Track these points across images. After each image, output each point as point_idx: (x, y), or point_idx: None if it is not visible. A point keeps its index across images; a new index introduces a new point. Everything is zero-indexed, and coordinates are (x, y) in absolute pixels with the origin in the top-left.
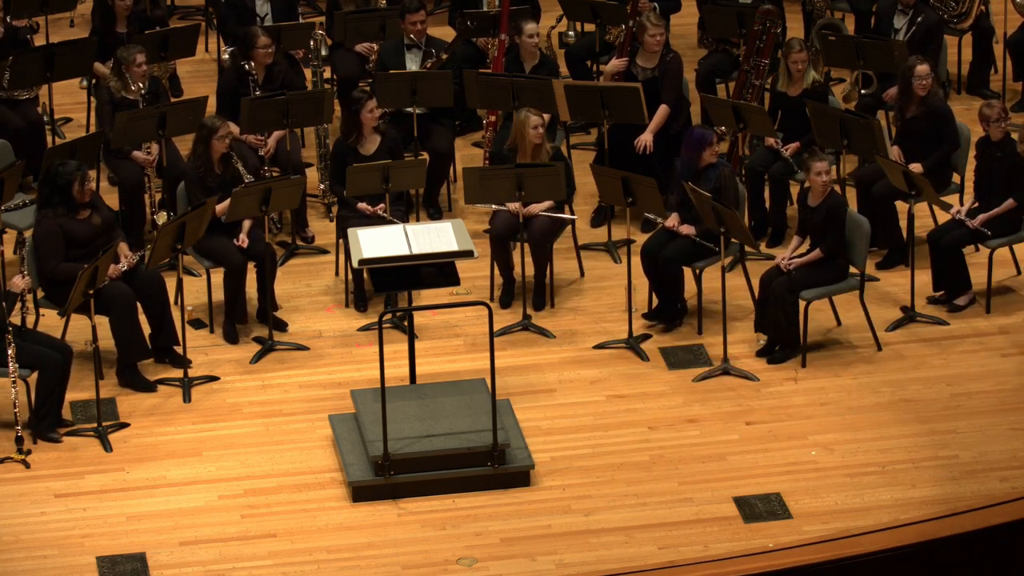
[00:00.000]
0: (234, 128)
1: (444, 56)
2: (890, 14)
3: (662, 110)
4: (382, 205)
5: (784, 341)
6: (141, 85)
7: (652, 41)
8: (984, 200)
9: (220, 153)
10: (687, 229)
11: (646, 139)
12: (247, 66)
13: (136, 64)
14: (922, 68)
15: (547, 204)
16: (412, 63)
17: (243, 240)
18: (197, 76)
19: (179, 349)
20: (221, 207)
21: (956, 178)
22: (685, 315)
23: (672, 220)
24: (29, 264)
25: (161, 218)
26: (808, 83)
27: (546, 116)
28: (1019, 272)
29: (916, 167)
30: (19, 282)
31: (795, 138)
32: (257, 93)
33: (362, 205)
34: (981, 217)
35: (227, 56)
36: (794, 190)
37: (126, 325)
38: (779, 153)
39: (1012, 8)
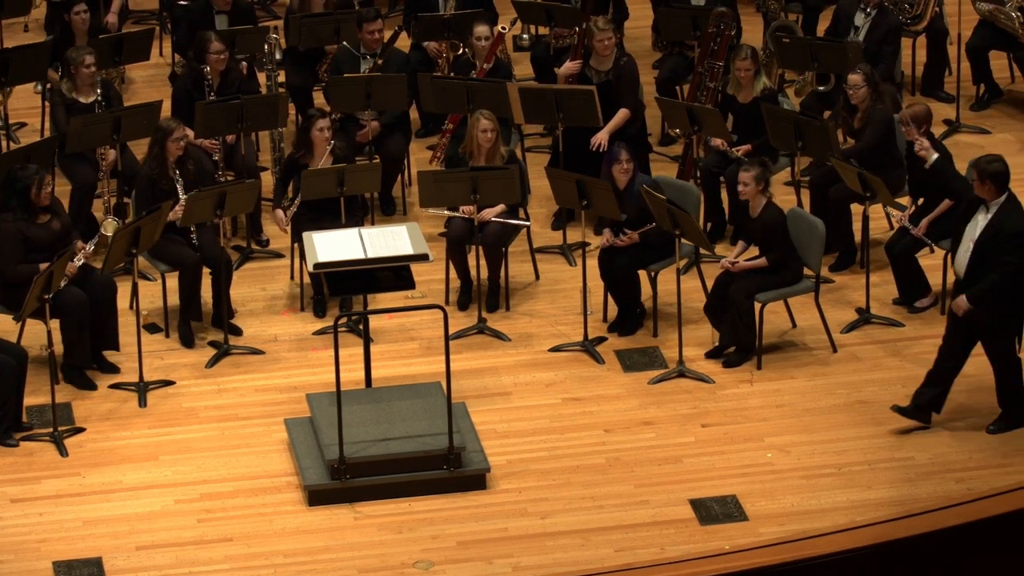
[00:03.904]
0: (190, 132)
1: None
2: (851, 12)
3: (622, 112)
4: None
5: (741, 346)
6: (99, 92)
7: (601, 45)
8: (923, 202)
9: (175, 156)
10: (630, 238)
11: (602, 138)
12: (204, 70)
13: (84, 65)
14: (853, 78)
15: (499, 209)
16: (365, 72)
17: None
18: (151, 81)
19: (111, 356)
20: (174, 214)
21: None
22: (644, 318)
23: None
24: None
25: (110, 227)
26: (758, 91)
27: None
28: None
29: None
30: None
31: (746, 143)
32: (212, 97)
33: None
34: (924, 223)
35: (180, 68)
36: None
37: (75, 332)
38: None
39: (965, 11)
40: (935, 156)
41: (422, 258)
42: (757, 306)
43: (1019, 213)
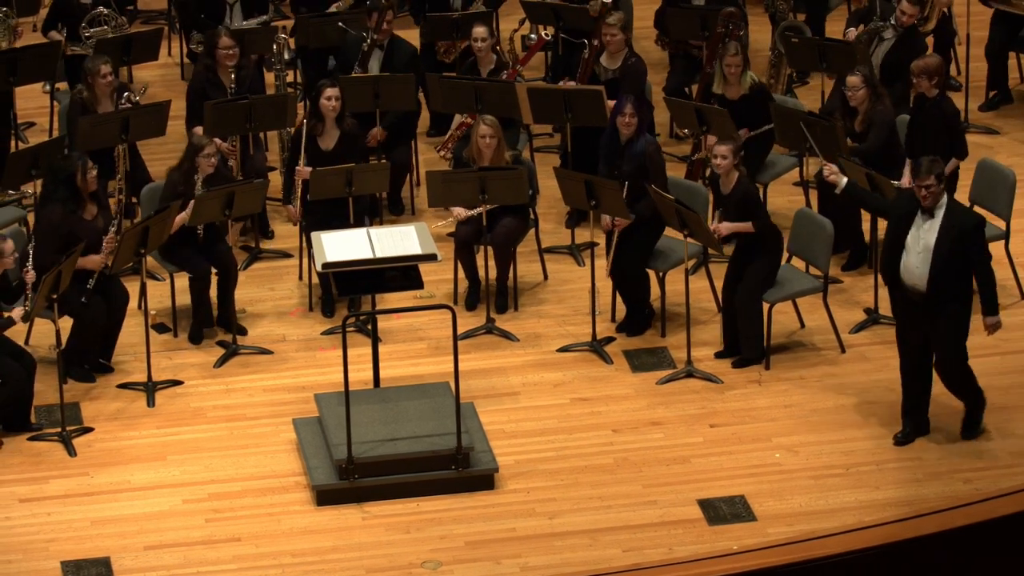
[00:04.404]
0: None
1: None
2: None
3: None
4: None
5: (751, 354)
6: (121, 102)
7: (606, 40)
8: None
9: (206, 173)
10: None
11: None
12: (230, 76)
13: (101, 75)
14: (852, 80)
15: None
16: (375, 62)
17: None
18: (160, 81)
19: (105, 361)
20: (181, 217)
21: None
22: (653, 318)
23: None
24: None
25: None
26: (746, 87)
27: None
28: None
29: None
30: (26, 277)
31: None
32: (231, 93)
33: None
34: None
35: (196, 46)
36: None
37: (83, 339)
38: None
39: (974, 11)
40: (844, 181)
41: (430, 258)
42: (765, 306)
43: (965, 207)
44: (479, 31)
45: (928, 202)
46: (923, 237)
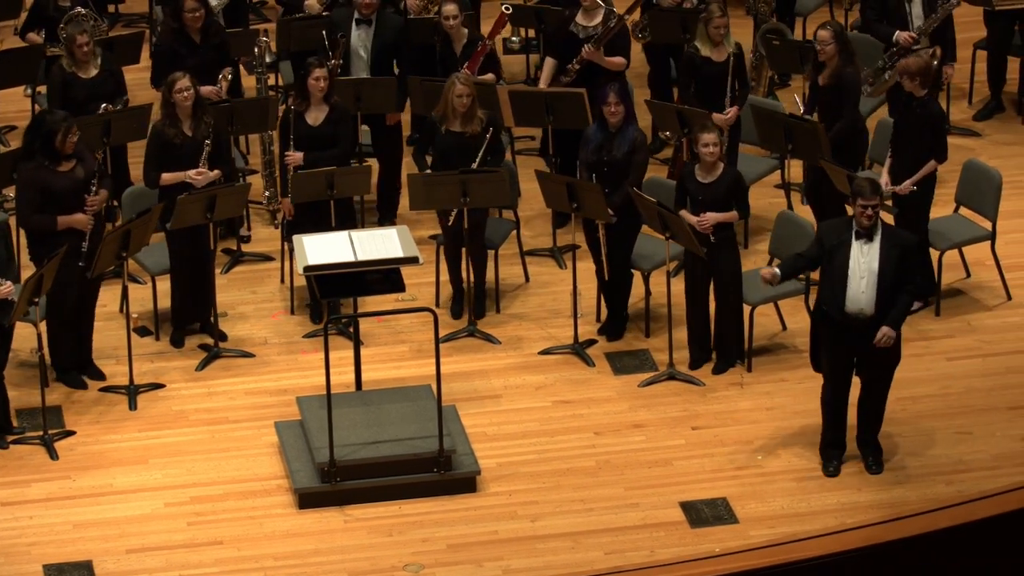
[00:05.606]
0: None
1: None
2: None
3: (618, 60)
4: None
5: (735, 354)
6: (94, 70)
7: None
8: (902, 159)
9: (185, 109)
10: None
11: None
12: (198, 35)
13: (77, 45)
14: (823, 34)
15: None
16: (359, 37)
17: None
18: (142, 84)
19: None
20: (195, 172)
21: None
22: (627, 322)
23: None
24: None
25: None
26: (732, 47)
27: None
28: (968, 275)
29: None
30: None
31: (712, 103)
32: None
33: None
34: (906, 184)
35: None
36: None
37: (60, 335)
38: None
39: (960, 12)
40: (779, 274)
41: (412, 261)
42: (747, 308)
43: (899, 228)
44: (449, 9)
45: (871, 221)
46: (865, 261)
